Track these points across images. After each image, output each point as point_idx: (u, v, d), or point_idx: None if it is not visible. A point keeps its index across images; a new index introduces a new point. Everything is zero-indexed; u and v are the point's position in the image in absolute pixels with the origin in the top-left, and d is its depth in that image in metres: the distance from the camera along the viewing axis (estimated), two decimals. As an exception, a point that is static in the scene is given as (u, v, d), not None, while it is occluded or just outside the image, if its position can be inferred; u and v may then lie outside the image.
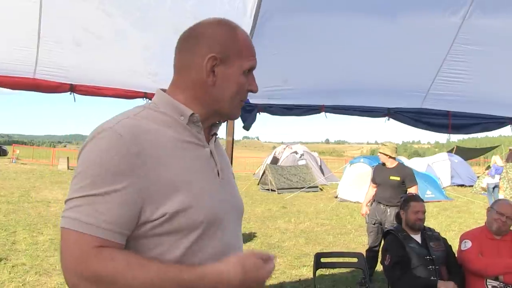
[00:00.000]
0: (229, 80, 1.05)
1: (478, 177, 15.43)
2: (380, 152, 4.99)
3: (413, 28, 2.59)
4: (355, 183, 11.51)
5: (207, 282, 0.91)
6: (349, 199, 11.58)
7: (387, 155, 4.89)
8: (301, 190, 13.40)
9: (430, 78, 2.99)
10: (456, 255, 3.11)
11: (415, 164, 14.92)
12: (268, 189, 13.79)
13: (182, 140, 1.02)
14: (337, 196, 12.29)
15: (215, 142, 1.15)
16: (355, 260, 3.62)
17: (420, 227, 3.16)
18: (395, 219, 3.47)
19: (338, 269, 4.80)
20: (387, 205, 4.73)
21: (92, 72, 2.72)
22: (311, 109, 3.29)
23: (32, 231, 6.58)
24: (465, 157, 19.65)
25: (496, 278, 2.85)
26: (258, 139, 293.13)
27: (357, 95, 3.19)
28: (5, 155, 25.91)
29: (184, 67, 1.06)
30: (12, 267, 4.73)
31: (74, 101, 2.81)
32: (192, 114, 1.04)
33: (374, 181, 5.04)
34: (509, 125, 3.33)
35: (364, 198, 5.33)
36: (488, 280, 2.86)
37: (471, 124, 3.33)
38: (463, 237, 3.11)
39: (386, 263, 3.05)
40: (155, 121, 1.01)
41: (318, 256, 3.55)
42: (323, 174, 16.19)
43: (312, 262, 3.58)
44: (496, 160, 11.90)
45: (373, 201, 5.00)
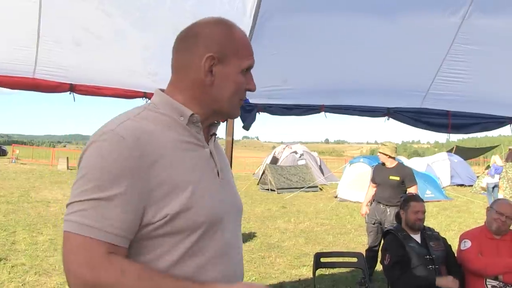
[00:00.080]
0: (227, 80, 1.05)
1: (478, 177, 15.44)
2: (380, 152, 4.99)
3: (413, 28, 2.59)
4: (355, 183, 11.51)
5: None
6: (349, 199, 11.59)
7: (387, 155, 4.89)
8: (301, 190, 13.40)
9: (430, 78, 2.99)
10: (456, 255, 3.11)
11: (415, 164, 14.92)
12: (268, 189, 13.79)
13: (182, 141, 1.02)
14: (337, 196, 12.30)
15: (214, 142, 1.15)
16: (355, 260, 3.62)
17: (420, 227, 3.16)
18: (395, 219, 3.47)
19: (338, 269, 4.80)
20: (387, 205, 4.73)
21: (92, 72, 2.72)
22: (311, 109, 3.29)
23: (32, 231, 6.58)
24: (465, 157, 19.67)
25: (496, 278, 2.85)
26: (258, 139, 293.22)
27: (357, 95, 3.18)
28: (5, 155, 25.89)
29: (182, 67, 1.06)
30: (12, 267, 4.73)
31: (74, 101, 2.81)
32: (192, 115, 1.04)
33: (374, 181, 5.04)
34: (509, 125, 3.32)
35: (364, 198, 5.33)
36: (488, 280, 2.86)
37: (471, 124, 3.33)
38: (463, 237, 3.11)
39: (386, 263, 3.05)
40: (155, 122, 1.00)
41: (318, 256, 3.55)
42: (323, 174, 16.19)
43: (312, 262, 3.58)
44: (496, 160, 11.91)
45: (373, 201, 5.01)
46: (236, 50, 1.05)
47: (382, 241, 3.46)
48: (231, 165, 2.82)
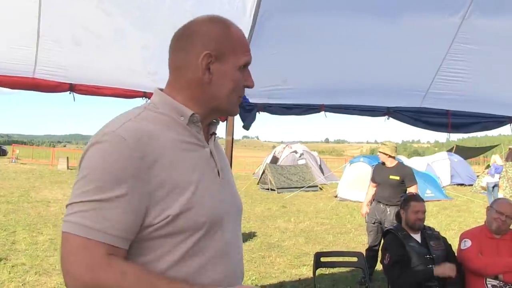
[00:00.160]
0: (225, 77, 1.04)
1: (478, 176, 15.45)
2: (380, 152, 4.99)
3: (413, 28, 2.59)
4: (355, 183, 11.51)
5: None
6: (349, 199, 11.59)
7: (387, 154, 4.89)
8: (301, 190, 13.40)
9: (430, 77, 2.98)
10: (456, 254, 3.11)
11: (415, 163, 14.92)
12: (268, 189, 13.79)
13: (182, 141, 1.02)
14: (337, 196, 12.30)
15: (214, 142, 1.15)
16: (355, 260, 3.62)
17: (420, 227, 3.15)
18: (395, 218, 3.46)
19: (338, 269, 4.80)
20: (387, 204, 4.73)
21: (92, 72, 2.72)
22: (311, 109, 3.28)
23: (32, 231, 6.58)
24: (465, 156, 19.67)
25: (496, 277, 2.85)
26: (258, 139, 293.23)
27: (357, 95, 3.18)
28: (5, 155, 25.89)
29: (180, 67, 1.06)
30: (12, 267, 4.73)
31: (74, 101, 2.81)
32: (193, 114, 1.03)
33: (374, 180, 5.04)
34: (509, 124, 3.32)
35: (364, 198, 5.33)
36: (488, 279, 2.86)
37: (471, 123, 3.33)
38: (463, 236, 3.11)
39: (386, 262, 3.05)
40: (155, 122, 1.00)
41: (318, 256, 3.54)
42: (323, 174, 16.19)
43: (312, 262, 3.58)
44: (496, 159, 11.92)
45: (373, 200, 5.01)
46: (233, 47, 1.05)
47: (382, 241, 3.46)
48: (231, 165, 2.81)
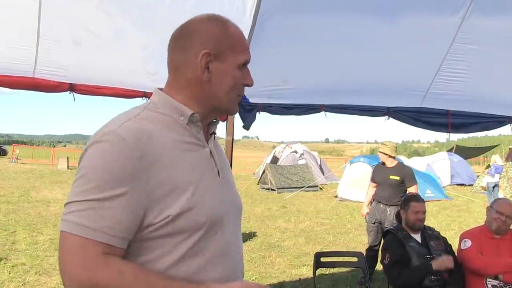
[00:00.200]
0: (225, 76, 1.04)
1: (478, 176, 15.45)
2: (380, 152, 4.99)
3: (413, 28, 2.59)
4: (355, 183, 11.51)
5: None
6: (349, 199, 11.59)
7: (387, 154, 4.89)
8: (301, 190, 13.39)
9: (430, 77, 2.98)
10: (456, 254, 3.11)
11: (415, 163, 14.92)
12: (268, 189, 13.79)
13: (182, 141, 1.02)
14: (337, 196, 12.30)
15: (214, 141, 1.15)
16: (355, 260, 3.62)
17: (420, 227, 3.15)
18: (396, 218, 3.46)
19: (338, 269, 4.79)
20: (387, 204, 4.73)
21: (92, 71, 2.72)
22: (311, 109, 3.28)
23: (32, 231, 6.58)
24: (465, 156, 19.67)
25: (496, 277, 2.85)
26: (258, 139, 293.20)
27: (357, 95, 3.18)
28: (5, 155, 25.89)
29: (179, 66, 1.05)
30: (12, 267, 4.73)
31: (74, 101, 2.80)
32: (192, 114, 1.03)
33: (374, 180, 5.04)
34: (509, 124, 3.32)
35: (365, 199, 5.32)
36: (488, 279, 2.86)
37: (471, 123, 3.33)
38: (463, 236, 3.11)
39: (386, 262, 3.05)
40: (155, 122, 1.00)
41: (318, 256, 3.54)
42: (323, 174, 16.19)
43: (312, 262, 3.58)
44: (496, 159, 11.92)
45: (373, 201, 5.01)
46: (232, 46, 1.05)
47: (382, 241, 3.46)
48: (231, 165, 2.81)
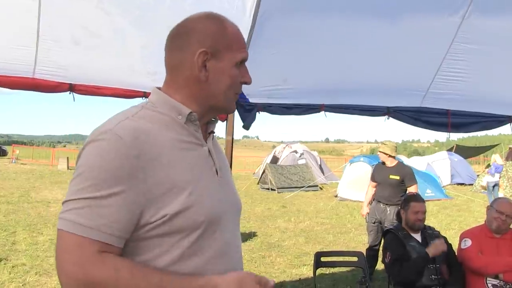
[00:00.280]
0: (222, 74, 1.04)
1: (478, 176, 15.46)
2: (380, 151, 4.99)
3: (412, 28, 2.59)
4: (355, 182, 11.51)
5: None
6: (349, 198, 11.60)
7: (387, 154, 4.89)
8: (301, 189, 13.40)
9: (430, 77, 2.98)
10: (456, 254, 3.11)
11: (415, 163, 14.93)
12: (268, 188, 13.79)
13: (181, 140, 1.02)
14: (337, 195, 12.31)
15: (213, 141, 1.15)
16: (355, 259, 3.61)
17: (420, 227, 3.15)
18: (396, 217, 3.46)
19: (338, 268, 4.79)
20: (387, 204, 4.73)
21: (91, 71, 2.71)
22: (311, 108, 3.28)
23: (32, 231, 6.58)
24: (465, 156, 19.68)
25: (496, 277, 2.85)
26: (258, 139, 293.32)
27: (357, 94, 3.18)
28: (5, 155, 25.90)
29: (176, 65, 1.05)
30: (12, 268, 4.73)
31: (74, 101, 2.81)
32: (190, 113, 1.03)
33: (374, 179, 5.04)
34: (509, 124, 3.32)
35: (364, 199, 5.32)
36: (488, 279, 2.86)
37: (471, 123, 3.33)
38: (463, 236, 3.11)
39: (387, 261, 3.06)
40: (153, 121, 1.00)
41: (318, 255, 3.54)
42: (323, 173, 16.20)
43: (312, 261, 3.58)
44: (496, 159, 11.92)
45: (373, 200, 5.01)
46: (229, 44, 1.04)
47: (383, 241, 3.46)
48: (231, 165, 2.81)
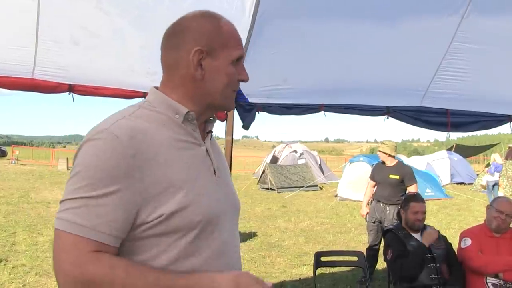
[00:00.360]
0: (218, 72, 1.04)
1: (478, 175, 15.47)
2: (380, 151, 4.99)
3: (412, 29, 2.59)
4: (355, 182, 11.50)
5: None
6: (349, 198, 11.60)
7: (387, 154, 4.89)
8: (301, 189, 13.40)
9: (429, 77, 2.98)
10: (456, 253, 3.11)
11: (415, 162, 14.93)
12: (268, 188, 13.79)
13: (178, 139, 1.01)
14: (337, 195, 12.31)
15: (211, 140, 1.15)
16: (355, 259, 3.61)
17: (420, 227, 3.15)
18: (396, 216, 3.46)
19: (338, 268, 4.79)
20: (387, 204, 4.73)
21: (91, 72, 2.71)
22: (311, 108, 3.28)
23: (32, 232, 6.58)
24: (465, 155, 19.69)
25: (496, 276, 2.85)
26: (258, 138, 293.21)
27: (356, 94, 3.18)
28: (5, 156, 25.89)
29: (172, 65, 1.05)
30: (12, 268, 4.73)
31: (73, 101, 2.80)
32: (188, 112, 1.03)
33: (373, 179, 5.04)
34: (508, 123, 3.32)
35: (363, 199, 5.32)
36: (488, 278, 2.86)
37: (470, 122, 3.33)
38: (463, 235, 3.11)
39: (389, 258, 3.06)
40: (150, 121, 1.00)
41: (318, 255, 3.54)
42: (323, 173, 16.19)
43: (312, 261, 3.58)
44: (496, 158, 11.92)
45: (373, 200, 5.01)
46: (224, 42, 1.04)
47: (383, 240, 3.46)
48: (231, 165, 2.81)
